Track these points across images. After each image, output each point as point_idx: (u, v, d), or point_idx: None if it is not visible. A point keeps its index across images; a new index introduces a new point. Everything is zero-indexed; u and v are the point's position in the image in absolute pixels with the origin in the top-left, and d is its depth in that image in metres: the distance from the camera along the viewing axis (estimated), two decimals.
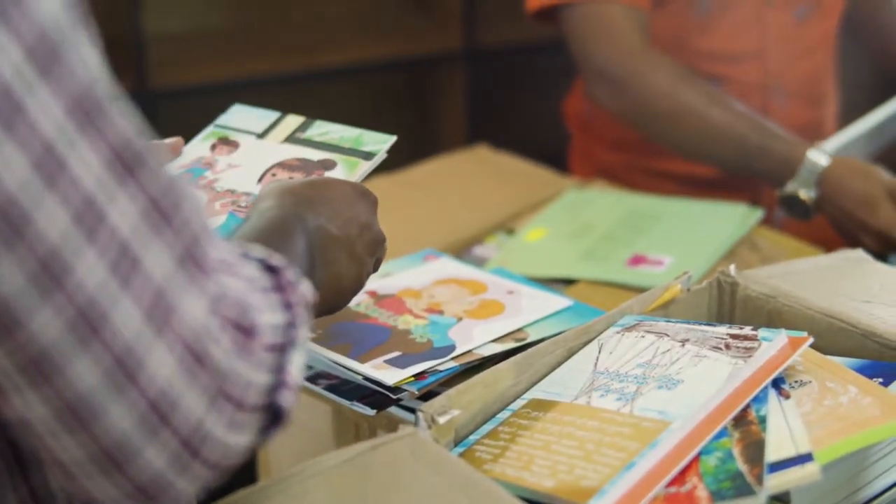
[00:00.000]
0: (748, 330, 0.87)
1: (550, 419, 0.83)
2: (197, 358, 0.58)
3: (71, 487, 0.60)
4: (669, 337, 0.89)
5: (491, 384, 0.86)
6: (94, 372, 0.55)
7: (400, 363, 0.94)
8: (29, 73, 0.53)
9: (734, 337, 0.86)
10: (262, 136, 1.00)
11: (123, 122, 0.57)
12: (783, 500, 0.75)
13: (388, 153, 0.95)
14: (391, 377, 0.92)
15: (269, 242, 0.74)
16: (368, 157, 0.93)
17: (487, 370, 0.87)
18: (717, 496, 0.72)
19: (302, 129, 1.00)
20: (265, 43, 2.45)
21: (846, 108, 1.77)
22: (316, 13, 2.57)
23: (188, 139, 1.02)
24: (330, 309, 0.85)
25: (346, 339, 0.99)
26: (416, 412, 0.81)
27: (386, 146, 0.94)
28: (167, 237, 0.57)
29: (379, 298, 1.06)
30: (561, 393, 0.86)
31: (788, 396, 0.81)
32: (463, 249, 1.37)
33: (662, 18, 1.54)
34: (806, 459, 0.73)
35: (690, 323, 0.91)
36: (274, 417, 0.63)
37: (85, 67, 0.55)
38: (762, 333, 0.85)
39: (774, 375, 0.82)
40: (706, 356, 0.85)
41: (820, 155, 1.36)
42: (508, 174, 1.59)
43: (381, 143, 0.95)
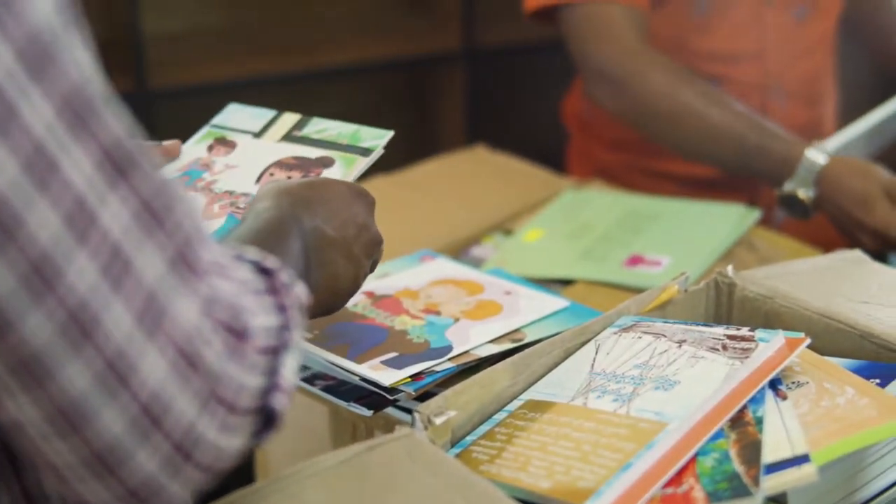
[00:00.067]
0: (745, 331, 0.87)
1: (547, 420, 0.83)
2: (189, 361, 0.58)
3: (63, 491, 0.60)
4: (666, 338, 0.89)
5: (488, 385, 0.86)
6: (85, 375, 0.55)
7: (397, 364, 0.94)
8: (20, 74, 0.53)
9: (731, 338, 0.86)
10: (258, 135, 1.00)
11: (116, 123, 0.57)
12: (780, 501, 0.75)
13: (387, 153, 0.94)
14: (388, 378, 0.92)
15: (264, 244, 0.74)
16: (366, 153, 0.93)
17: (484, 371, 0.87)
18: (713, 497, 0.72)
19: (298, 126, 0.99)
20: (264, 43, 2.45)
21: (846, 108, 1.77)
22: (315, 13, 2.57)
23: (187, 140, 1.02)
24: (327, 310, 0.85)
25: (343, 339, 0.99)
26: (412, 413, 0.81)
27: (383, 141, 0.94)
28: (159, 239, 0.57)
29: (376, 299, 1.06)
30: (558, 394, 0.86)
31: (785, 397, 0.81)
32: (460, 250, 1.37)
33: (661, 19, 1.54)
34: (803, 460, 0.73)
35: (687, 324, 0.91)
36: (267, 420, 0.63)
37: (77, 69, 0.55)
38: (759, 334, 0.85)
39: (771, 376, 0.82)
40: (703, 357, 0.85)
41: (818, 154, 1.36)
42: (506, 174, 1.58)
43: (378, 138, 0.94)
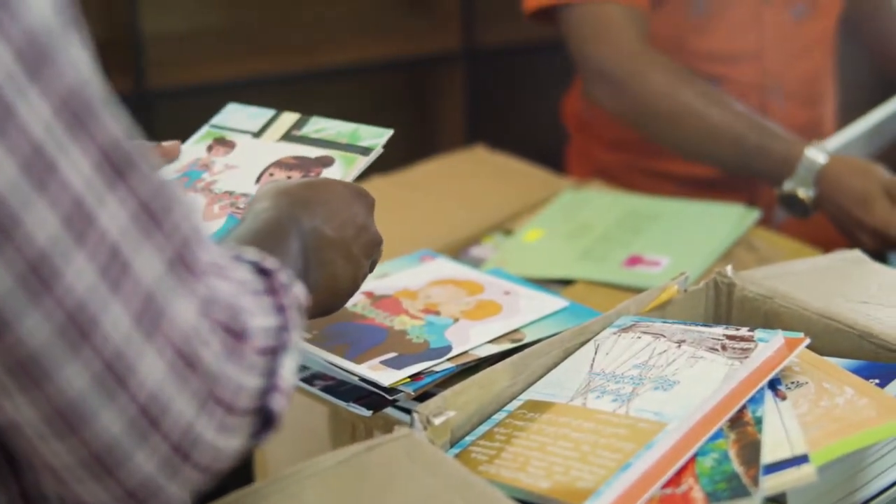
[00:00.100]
0: (744, 331, 0.86)
1: (546, 420, 0.83)
2: (187, 361, 0.58)
3: (62, 492, 0.60)
4: (666, 338, 0.89)
5: (487, 385, 0.86)
6: (83, 376, 0.55)
7: (396, 364, 0.94)
8: (18, 75, 0.53)
9: (730, 338, 0.86)
10: (257, 135, 1.00)
11: (114, 124, 0.57)
12: (779, 501, 0.75)
13: (386, 153, 0.94)
14: (387, 378, 0.92)
15: (263, 244, 0.74)
16: (366, 152, 0.93)
17: (483, 371, 0.87)
18: (712, 497, 0.72)
19: (298, 126, 0.99)
20: (264, 43, 2.45)
21: (846, 108, 1.77)
22: (315, 13, 2.57)
23: (186, 140, 1.02)
24: (326, 310, 0.85)
25: (342, 339, 0.99)
26: (411, 413, 0.81)
27: (383, 140, 0.94)
28: (157, 240, 0.57)
29: (375, 299, 1.06)
30: (557, 394, 0.86)
31: (785, 397, 0.81)
32: (460, 250, 1.36)
33: (659, 19, 1.54)
34: (802, 461, 0.73)
35: (687, 324, 0.91)
36: (265, 421, 0.63)
37: (76, 69, 0.55)
38: (759, 334, 0.85)
39: (771, 377, 0.82)
40: (702, 357, 0.85)
41: (818, 153, 1.36)
42: (506, 174, 1.58)
43: (378, 137, 0.94)
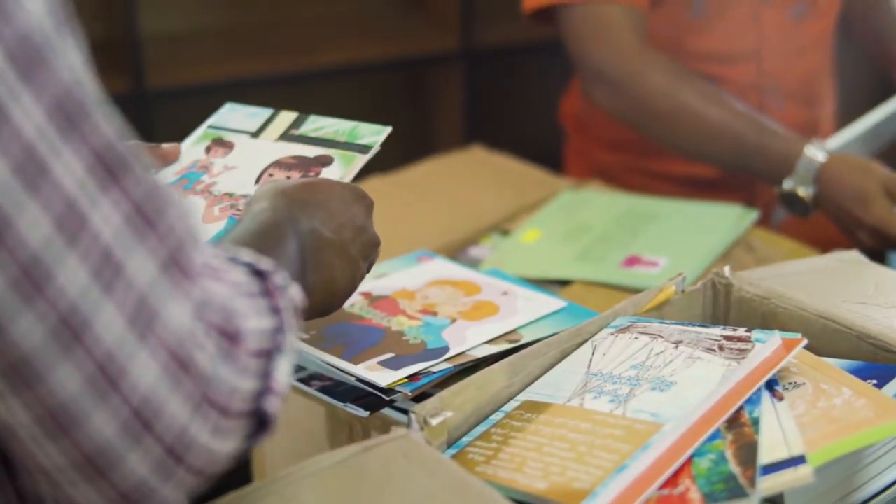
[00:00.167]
0: (742, 331, 0.86)
1: (543, 421, 0.83)
2: (181, 364, 0.58)
3: (55, 494, 0.60)
4: (663, 338, 0.89)
5: (484, 386, 0.86)
6: (76, 378, 0.55)
7: (393, 364, 0.94)
8: (11, 76, 0.53)
9: (728, 338, 0.86)
10: (256, 134, 1.00)
11: (107, 126, 0.57)
12: (776, 502, 0.75)
13: (384, 153, 0.94)
14: (384, 379, 0.92)
15: (259, 246, 0.74)
16: (364, 150, 0.93)
17: (481, 372, 0.87)
18: (710, 498, 0.72)
19: (296, 125, 0.99)
20: (263, 43, 2.45)
21: (845, 108, 1.77)
22: (314, 13, 2.57)
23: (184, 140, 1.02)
24: (323, 311, 0.85)
25: (339, 340, 0.99)
26: (409, 414, 0.81)
27: (381, 137, 0.94)
28: (151, 242, 0.57)
29: (373, 299, 1.06)
30: (554, 395, 0.86)
31: (782, 398, 0.81)
32: (458, 250, 1.36)
33: (658, 19, 1.54)
34: (799, 461, 0.73)
35: (684, 324, 0.91)
36: (260, 423, 0.63)
37: (69, 71, 0.55)
38: (756, 335, 0.85)
39: (768, 377, 0.82)
40: (700, 358, 0.85)
41: (817, 151, 1.36)
42: (503, 175, 1.58)
43: (376, 134, 0.94)
